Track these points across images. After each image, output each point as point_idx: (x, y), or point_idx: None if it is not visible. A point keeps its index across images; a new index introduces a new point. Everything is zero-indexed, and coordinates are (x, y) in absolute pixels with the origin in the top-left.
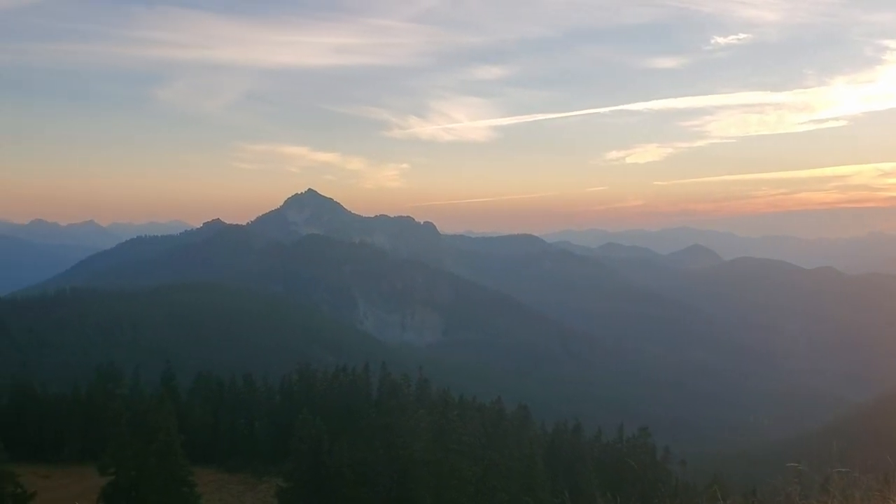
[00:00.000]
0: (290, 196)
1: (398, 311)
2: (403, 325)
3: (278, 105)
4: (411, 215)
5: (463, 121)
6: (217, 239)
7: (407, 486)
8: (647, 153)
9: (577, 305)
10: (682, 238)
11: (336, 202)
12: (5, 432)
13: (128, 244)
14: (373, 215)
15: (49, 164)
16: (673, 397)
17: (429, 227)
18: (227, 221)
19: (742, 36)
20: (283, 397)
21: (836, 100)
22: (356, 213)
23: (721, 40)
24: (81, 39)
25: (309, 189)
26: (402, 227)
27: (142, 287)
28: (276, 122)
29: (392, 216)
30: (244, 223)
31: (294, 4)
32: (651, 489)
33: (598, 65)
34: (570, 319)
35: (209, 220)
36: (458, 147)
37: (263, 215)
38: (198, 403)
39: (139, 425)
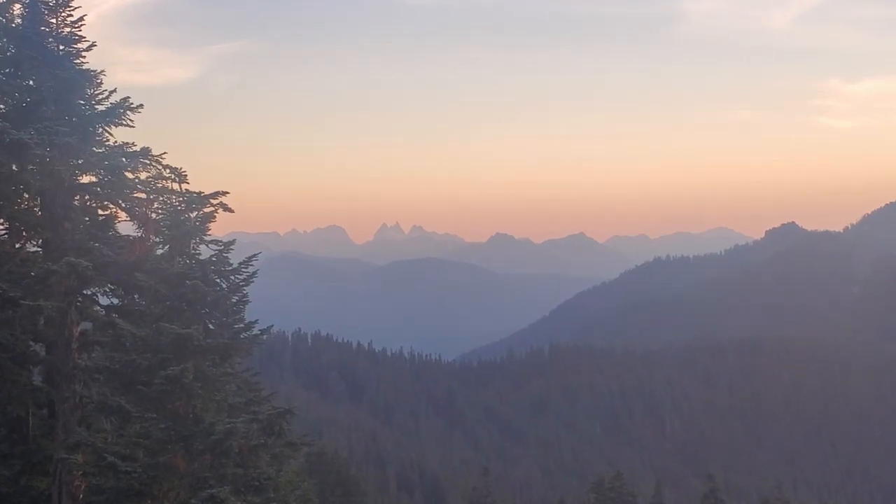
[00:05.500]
0: None
1: None
2: None
3: None
4: None
5: None
6: (791, 258)
7: None
8: None
9: None
10: None
11: None
12: None
13: (640, 270)
14: None
15: (517, 145)
16: None
17: None
18: (808, 227)
19: None
20: None
21: None
22: None
23: None
24: None
25: None
26: None
27: (664, 344)
28: None
29: None
30: (840, 229)
31: None
32: None
33: None
34: None
35: (775, 226)
36: None
37: (875, 212)
38: None
39: None
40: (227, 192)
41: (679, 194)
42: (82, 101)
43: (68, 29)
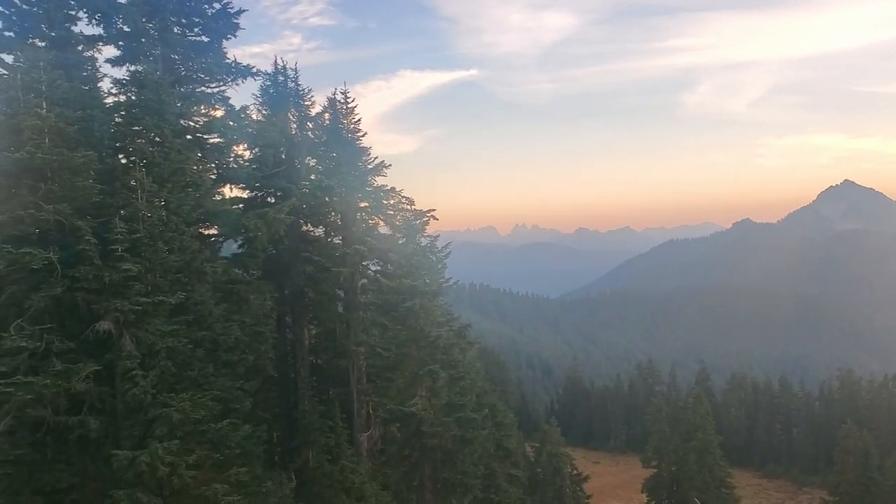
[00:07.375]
0: (823, 189)
1: None
2: None
3: (807, 94)
4: None
5: None
6: (747, 239)
7: None
8: None
9: None
10: None
11: (878, 192)
12: (562, 419)
13: (661, 248)
14: None
15: (590, 178)
16: None
17: None
18: (757, 220)
19: None
20: (823, 404)
21: None
22: None
23: None
24: (612, 60)
25: (845, 180)
26: None
27: (676, 289)
28: (805, 112)
29: None
30: (774, 221)
31: None
32: None
33: None
34: None
35: (738, 220)
36: None
37: (794, 212)
38: (732, 405)
39: (678, 422)
40: (434, 209)
41: (680, 202)
42: (360, 163)
43: (353, 125)
